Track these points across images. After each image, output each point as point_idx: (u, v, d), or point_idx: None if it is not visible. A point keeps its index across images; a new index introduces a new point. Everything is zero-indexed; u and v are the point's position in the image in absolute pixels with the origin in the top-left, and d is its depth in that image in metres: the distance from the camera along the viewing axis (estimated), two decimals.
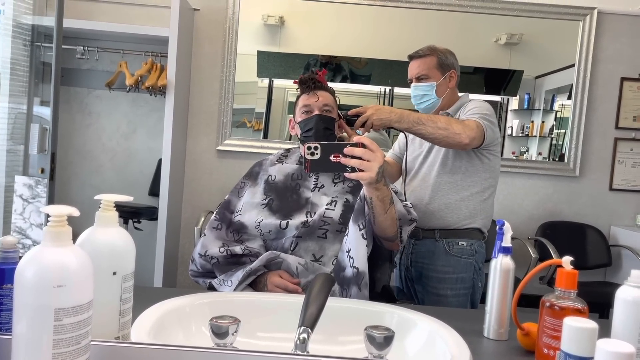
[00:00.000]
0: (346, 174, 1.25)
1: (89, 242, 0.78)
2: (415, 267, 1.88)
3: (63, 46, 2.40)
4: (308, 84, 1.57)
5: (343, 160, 1.22)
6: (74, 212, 0.67)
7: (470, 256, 1.81)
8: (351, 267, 1.33)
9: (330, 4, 3.12)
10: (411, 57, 1.90)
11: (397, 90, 3.16)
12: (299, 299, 0.89)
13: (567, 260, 0.90)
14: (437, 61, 1.86)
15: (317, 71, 1.61)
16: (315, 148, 1.22)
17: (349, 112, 1.61)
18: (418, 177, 1.87)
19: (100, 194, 0.80)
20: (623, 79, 3.16)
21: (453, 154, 1.79)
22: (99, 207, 0.80)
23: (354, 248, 1.34)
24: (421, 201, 1.81)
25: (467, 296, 1.81)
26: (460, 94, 1.92)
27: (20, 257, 0.67)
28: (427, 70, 1.85)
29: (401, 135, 2.05)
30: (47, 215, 0.66)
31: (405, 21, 3.13)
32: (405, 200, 1.57)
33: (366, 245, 1.34)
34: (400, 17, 3.12)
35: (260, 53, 3.17)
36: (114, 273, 0.78)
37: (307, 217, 1.48)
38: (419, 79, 1.87)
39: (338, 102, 1.61)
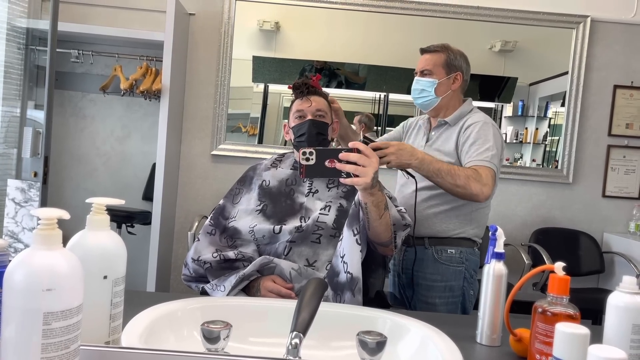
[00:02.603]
0: (341, 180, 1.25)
1: (79, 246, 0.77)
2: (406, 274, 1.86)
3: (57, 50, 2.39)
4: (301, 89, 1.58)
5: (338, 165, 1.22)
6: (64, 215, 0.67)
7: (459, 264, 1.78)
8: (345, 272, 1.32)
9: (326, 10, 3.13)
10: (422, 51, 1.87)
11: (392, 96, 3.17)
12: (292, 304, 0.89)
13: (559, 266, 0.90)
14: (445, 59, 1.81)
15: (311, 76, 1.61)
16: (311, 153, 1.22)
17: (371, 145, 1.46)
18: (408, 185, 1.85)
19: (92, 197, 0.80)
20: (616, 87, 3.18)
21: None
22: (91, 211, 0.80)
23: (348, 253, 1.34)
24: (411, 209, 1.79)
25: (456, 304, 1.78)
26: (463, 99, 1.88)
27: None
28: (432, 66, 1.81)
29: (397, 128, 2.04)
30: (38, 218, 0.66)
31: (400, 28, 3.14)
32: (399, 206, 1.57)
33: (360, 251, 1.33)
34: (396, 24, 3.14)
35: (255, 58, 3.18)
36: (105, 277, 0.78)
37: (301, 222, 1.47)
38: (422, 73, 1.82)
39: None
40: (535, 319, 0.91)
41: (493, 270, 1.07)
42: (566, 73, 3.17)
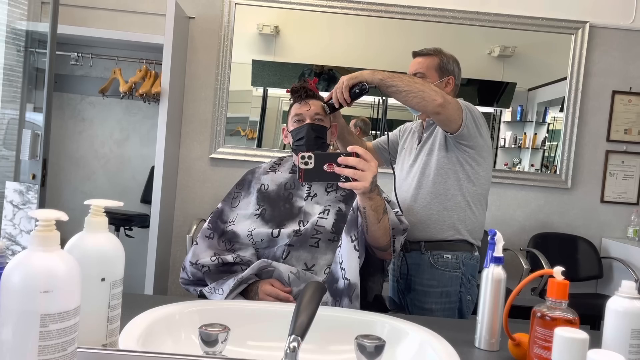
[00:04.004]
0: (340, 184, 1.25)
1: (77, 248, 0.77)
2: (404, 280, 1.86)
3: (57, 52, 2.39)
4: (300, 93, 1.58)
5: (337, 169, 1.22)
6: (62, 216, 0.66)
7: (456, 269, 1.77)
8: (343, 278, 1.32)
9: (326, 14, 3.14)
10: (415, 54, 1.89)
11: (391, 100, 3.17)
12: (290, 307, 0.88)
13: (558, 270, 0.90)
14: (438, 63, 1.83)
15: (308, 80, 1.62)
16: (309, 157, 1.22)
17: (325, 99, 1.62)
18: (402, 188, 1.86)
19: (90, 199, 0.79)
20: (614, 92, 3.19)
21: (435, 162, 1.77)
22: (89, 213, 0.80)
23: (346, 259, 1.33)
24: (405, 212, 1.79)
25: (453, 310, 1.77)
26: None
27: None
28: (425, 69, 1.83)
29: (394, 132, 2.05)
30: (35, 220, 0.66)
31: (399, 32, 3.15)
32: (399, 210, 1.56)
33: (358, 257, 1.33)
34: (395, 28, 3.15)
35: (254, 62, 3.18)
36: (103, 279, 0.78)
37: (299, 225, 1.47)
38: (415, 76, 1.82)
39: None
40: (534, 323, 0.91)
41: (492, 275, 1.07)
42: (565, 78, 3.18)
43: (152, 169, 2.94)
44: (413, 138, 1.94)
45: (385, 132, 1.76)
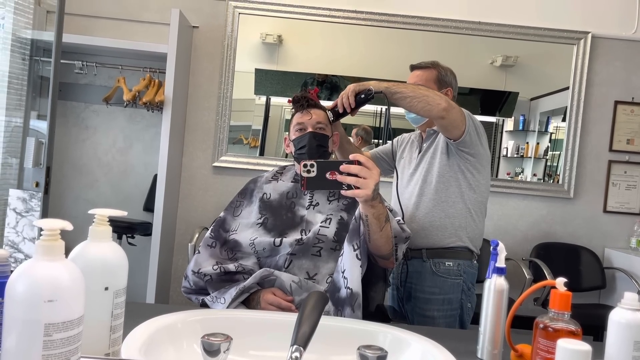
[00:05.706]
0: (342, 192, 1.25)
1: (81, 257, 0.77)
2: (405, 287, 1.86)
3: (61, 61, 2.41)
4: (301, 103, 1.59)
5: (339, 177, 1.22)
6: (67, 226, 0.67)
7: (457, 277, 1.78)
8: (345, 287, 1.32)
9: (329, 24, 3.16)
10: (413, 68, 1.92)
11: (394, 109, 3.17)
12: (292, 317, 0.88)
13: (560, 281, 0.90)
14: (436, 75, 1.86)
15: (309, 90, 1.63)
16: (312, 166, 1.22)
17: (329, 107, 1.63)
18: (404, 196, 1.86)
19: (94, 209, 0.80)
20: (617, 102, 3.20)
21: (437, 170, 1.78)
22: (93, 222, 0.80)
23: (348, 268, 1.33)
24: (407, 220, 1.80)
25: (454, 317, 1.78)
26: None
27: (12, 272, 0.66)
28: (424, 81, 1.85)
29: (390, 143, 2.06)
30: (40, 229, 0.66)
31: (402, 42, 3.17)
32: (401, 218, 1.56)
33: (360, 266, 1.33)
34: (397, 38, 3.16)
35: (258, 71, 3.20)
36: (106, 288, 0.78)
37: (301, 234, 1.47)
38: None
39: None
40: (536, 334, 0.91)
41: (494, 285, 1.07)
42: (567, 88, 3.19)
43: (155, 177, 2.94)
44: (412, 148, 1.95)
45: (389, 141, 1.76)
